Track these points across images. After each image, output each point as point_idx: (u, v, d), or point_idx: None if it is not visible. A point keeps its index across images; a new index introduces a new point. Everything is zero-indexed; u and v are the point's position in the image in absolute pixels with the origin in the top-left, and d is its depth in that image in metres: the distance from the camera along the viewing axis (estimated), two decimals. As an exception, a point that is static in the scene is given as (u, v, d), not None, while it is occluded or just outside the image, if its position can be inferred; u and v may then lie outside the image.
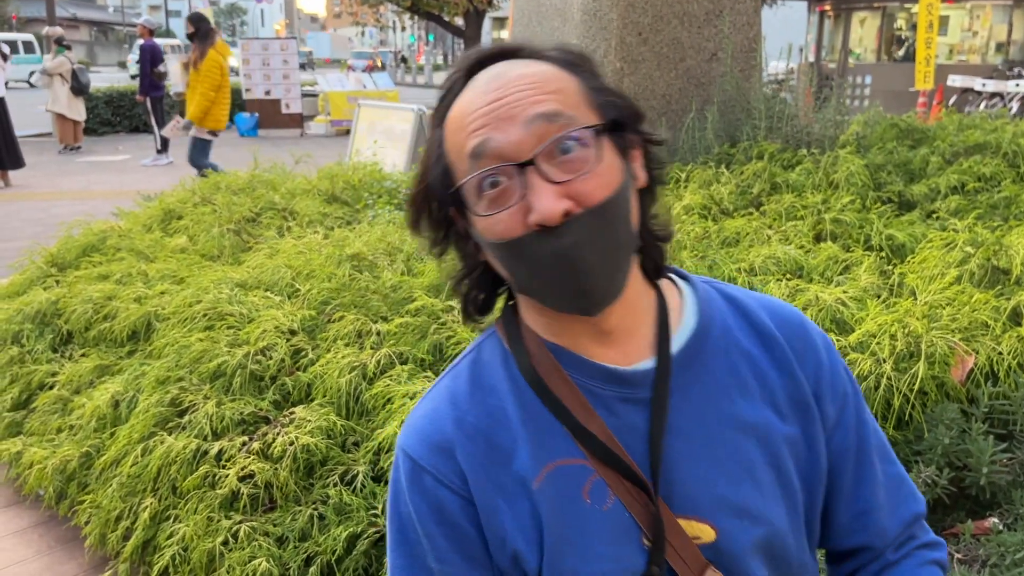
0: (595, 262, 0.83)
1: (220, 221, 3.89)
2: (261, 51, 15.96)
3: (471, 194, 0.85)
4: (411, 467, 0.92)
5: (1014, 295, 2.16)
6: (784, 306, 1.03)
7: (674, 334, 0.94)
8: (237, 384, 2.54)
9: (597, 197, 0.83)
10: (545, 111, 0.83)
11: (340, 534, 2.13)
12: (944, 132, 3.98)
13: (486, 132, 0.83)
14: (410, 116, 7.09)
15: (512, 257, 0.85)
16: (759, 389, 0.95)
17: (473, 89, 0.87)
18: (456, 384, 0.96)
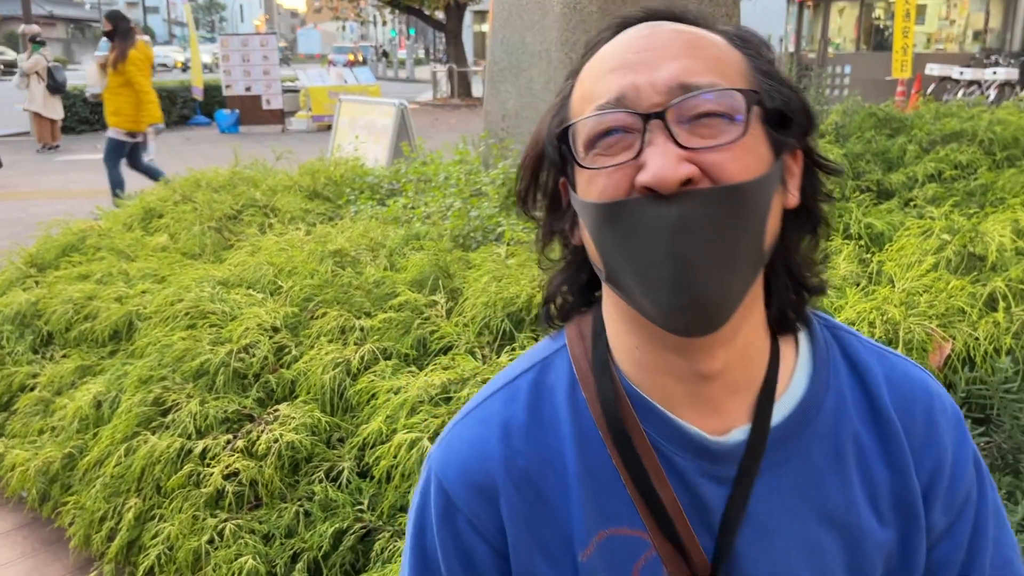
0: (708, 252, 0.68)
1: (201, 219, 3.87)
2: (240, 47, 15.85)
3: (581, 142, 0.72)
4: (445, 503, 0.81)
5: (990, 281, 2.18)
6: (912, 376, 0.85)
7: (778, 400, 0.79)
8: (220, 382, 2.53)
9: (731, 175, 0.68)
10: (693, 71, 0.70)
11: (326, 530, 2.14)
12: (921, 121, 4.02)
13: (619, 76, 0.71)
14: (391, 111, 7.07)
15: (607, 225, 0.71)
16: (861, 483, 0.80)
17: (621, 37, 0.75)
18: (512, 411, 0.81)
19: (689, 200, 0.67)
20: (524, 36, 4.65)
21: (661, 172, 0.66)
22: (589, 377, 0.80)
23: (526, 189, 0.83)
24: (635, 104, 0.69)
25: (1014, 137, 3.59)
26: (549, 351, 0.85)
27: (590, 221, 0.73)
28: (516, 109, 4.77)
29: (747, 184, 0.69)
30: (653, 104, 0.69)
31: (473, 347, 2.46)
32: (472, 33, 36.83)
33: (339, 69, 18.27)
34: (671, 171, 0.66)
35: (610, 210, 0.70)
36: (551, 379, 0.82)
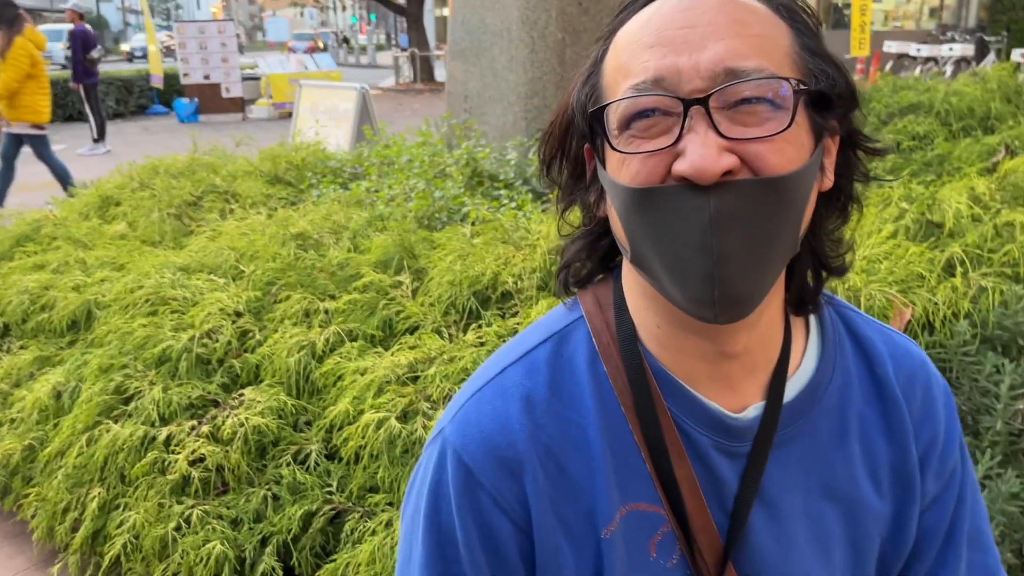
0: (744, 246, 0.66)
1: (160, 206, 3.81)
2: (197, 34, 15.58)
3: (615, 122, 0.69)
4: (465, 477, 0.76)
5: (947, 247, 2.22)
6: (913, 354, 0.87)
7: (790, 379, 0.79)
8: (183, 368, 2.49)
9: (773, 167, 0.65)
10: (739, 53, 0.66)
11: (295, 513, 2.12)
12: (880, 94, 4.06)
13: (659, 55, 0.67)
14: (353, 95, 7.00)
15: (639, 211, 0.68)
16: (863, 458, 0.82)
17: (660, 3, 0.70)
18: (533, 383, 0.78)
19: (728, 192, 0.64)
20: (484, 16, 4.62)
21: (701, 163, 0.64)
22: (612, 350, 0.78)
23: (551, 156, 0.80)
24: (675, 87, 0.66)
25: (969, 108, 3.64)
26: (566, 321, 0.82)
27: (619, 202, 0.71)
28: (478, 89, 4.75)
29: (788, 176, 0.66)
30: (695, 89, 0.66)
31: (439, 326, 2.45)
32: (434, 17, 36.55)
33: (299, 56, 18.05)
34: (711, 162, 0.64)
35: (643, 196, 0.67)
36: (570, 351, 0.80)
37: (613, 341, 0.79)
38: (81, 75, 11.98)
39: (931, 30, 15.54)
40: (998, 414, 1.89)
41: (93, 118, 12.01)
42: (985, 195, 2.47)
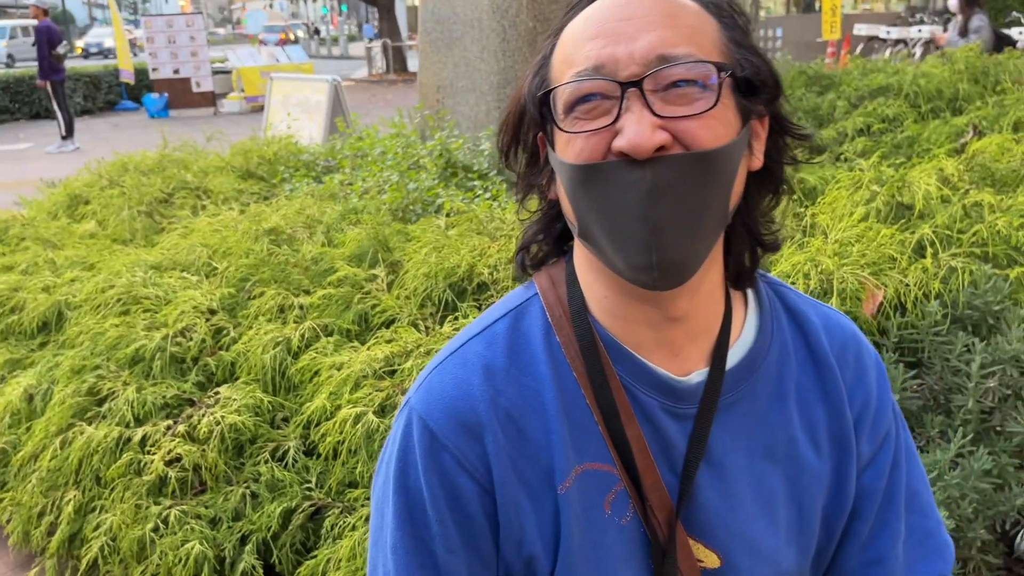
0: (677, 215, 0.72)
1: (130, 203, 3.76)
2: (166, 28, 15.36)
3: (561, 106, 0.76)
4: (430, 441, 0.81)
5: (917, 228, 2.24)
6: (844, 325, 0.94)
7: (732, 347, 0.85)
8: (158, 368, 2.47)
9: (702, 142, 0.72)
10: (670, 41, 0.73)
11: (274, 510, 2.11)
12: (850, 77, 4.09)
13: (599, 45, 0.74)
14: (324, 87, 6.94)
15: (583, 186, 0.75)
16: (800, 421, 0.87)
17: (601, 2, 0.78)
18: (492, 353, 0.84)
19: (662, 165, 0.71)
20: (455, 6, 4.59)
21: (637, 139, 0.70)
22: (564, 322, 0.84)
23: (508, 145, 0.86)
24: (613, 72, 0.73)
25: (938, 89, 3.68)
26: (522, 299, 0.88)
27: (566, 180, 0.77)
28: (451, 79, 4.72)
29: (717, 150, 0.73)
30: (631, 73, 0.72)
31: (415, 319, 2.44)
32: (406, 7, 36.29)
33: (270, 48, 17.88)
34: (646, 138, 0.70)
35: (586, 172, 0.74)
36: (526, 325, 0.86)
37: (565, 314, 0.85)
38: (47, 72, 11.78)
39: (900, 12, 15.66)
40: (969, 393, 1.91)
41: (61, 115, 11.83)
42: (954, 176, 2.49)
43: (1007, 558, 2.07)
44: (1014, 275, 2.07)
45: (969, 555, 1.86)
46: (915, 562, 0.93)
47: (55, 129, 12.37)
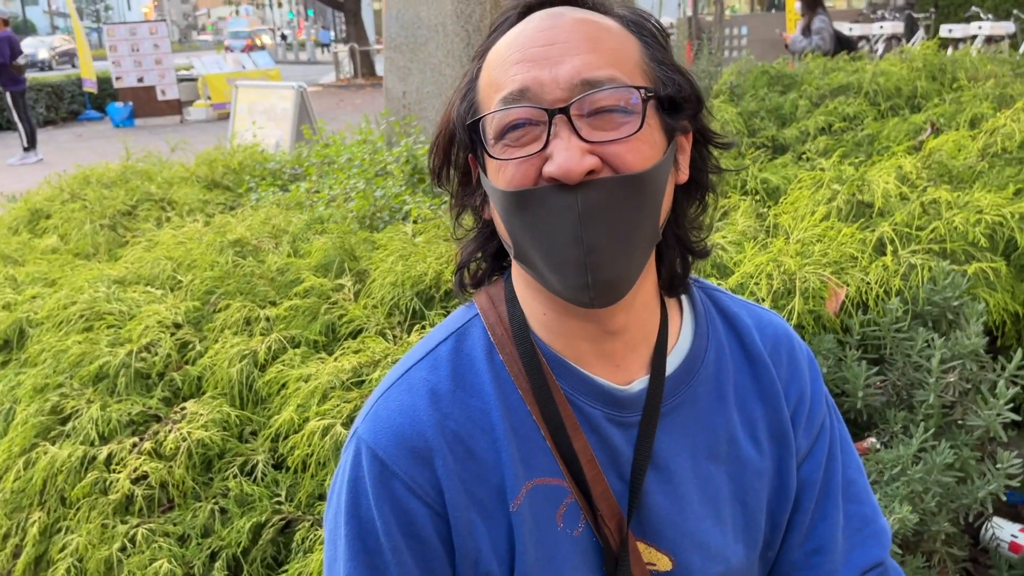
0: (610, 236, 0.74)
1: (92, 217, 3.70)
2: (128, 36, 15.20)
3: (491, 132, 0.77)
4: (380, 470, 0.82)
5: (878, 227, 2.27)
6: (776, 323, 0.97)
7: (670, 353, 0.88)
8: (122, 384, 2.44)
9: (630, 165, 0.74)
10: (593, 66, 0.75)
11: (244, 526, 2.09)
12: (811, 76, 4.13)
13: (524, 69, 0.76)
14: (290, 94, 6.90)
15: (517, 211, 0.76)
16: (741, 420, 0.90)
17: (524, 25, 0.79)
18: (436, 377, 0.85)
19: (592, 189, 0.73)
20: (419, 11, 4.58)
21: (566, 164, 0.72)
22: (506, 340, 0.86)
23: (439, 166, 0.87)
24: (539, 98, 0.74)
25: (896, 87, 3.73)
26: (463, 321, 0.90)
27: (500, 205, 0.78)
28: (417, 85, 4.71)
29: (645, 172, 0.75)
30: (557, 99, 0.74)
31: (383, 328, 2.43)
32: (372, 11, 36.16)
33: (236, 55, 17.73)
34: (575, 163, 0.72)
35: (519, 198, 0.75)
36: (468, 346, 0.87)
37: (507, 332, 0.86)
38: (7, 82, 11.60)
39: (862, 9, 15.86)
40: (930, 388, 1.94)
41: (22, 126, 11.65)
42: (912, 174, 2.53)
43: (972, 549, 2.10)
44: (971, 271, 2.11)
45: (934, 548, 1.89)
46: (853, 548, 0.95)
47: (17, 140, 12.17)
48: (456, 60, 4.38)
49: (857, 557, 0.95)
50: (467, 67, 3.42)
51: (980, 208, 2.23)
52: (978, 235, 2.17)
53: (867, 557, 0.96)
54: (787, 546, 0.95)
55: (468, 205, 0.88)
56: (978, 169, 2.61)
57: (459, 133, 0.83)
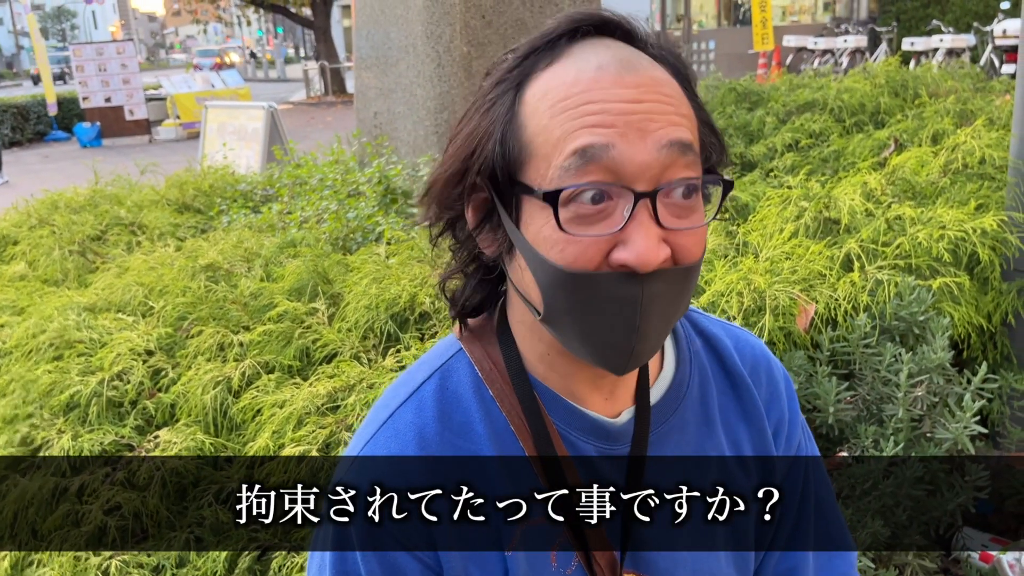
0: (659, 323, 0.72)
1: (61, 243, 3.66)
2: (95, 56, 15.08)
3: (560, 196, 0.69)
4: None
5: (844, 243, 2.31)
6: (753, 343, 0.97)
7: (654, 382, 0.87)
8: (94, 414, 2.41)
9: (693, 256, 0.71)
10: (683, 139, 0.69)
11: (220, 555, 2.07)
12: (778, 93, 4.20)
13: (611, 136, 0.67)
14: (261, 114, 6.87)
15: (568, 291, 0.70)
16: (728, 443, 0.90)
17: (586, 63, 0.70)
18: (422, 419, 0.81)
19: (658, 280, 0.69)
20: (388, 31, 4.60)
21: (646, 255, 0.67)
22: (495, 375, 0.82)
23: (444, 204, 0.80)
24: (628, 177, 0.67)
25: (860, 103, 3.80)
26: (446, 356, 0.86)
27: (545, 278, 0.71)
28: (388, 105, 4.72)
29: (700, 261, 0.73)
30: (645, 179, 0.68)
31: (358, 352, 2.43)
32: (342, 28, 36.15)
33: (205, 73, 17.64)
34: (654, 254, 0.67)
35: (578, 280, 0.69)
36: (454, 383, 0.84)
37: (495, 366, 0.83)
38: (-29, 105, 11.44)
39: (826, 23, 16.13)
40: (899, 402, 1.97)
41: (-14, 148, 11.48)
42: (877, 190, 2.58)
43: (944, 560, 2.14)
44: (936, 285, 2.15)
45: (906, 561, 1.92)
46: (822, 568, 0.97)
47: (-19, 163, 12.00)
48: (427, 80, 4.40)
49: (826, 571, 0.98)
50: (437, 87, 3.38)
51: (943, 224, 2.28)
52: (942, 250, 2.21)
53: (835, 570, 0.98)
54: (763, 566, 0.96)
55: (466, 245, 0.82)
56: (940, 185, 2.67)
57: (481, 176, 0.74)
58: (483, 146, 0.74)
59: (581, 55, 0.71)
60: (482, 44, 4.36)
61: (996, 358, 2.37)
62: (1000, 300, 2.34)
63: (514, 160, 0.72)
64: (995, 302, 2.34)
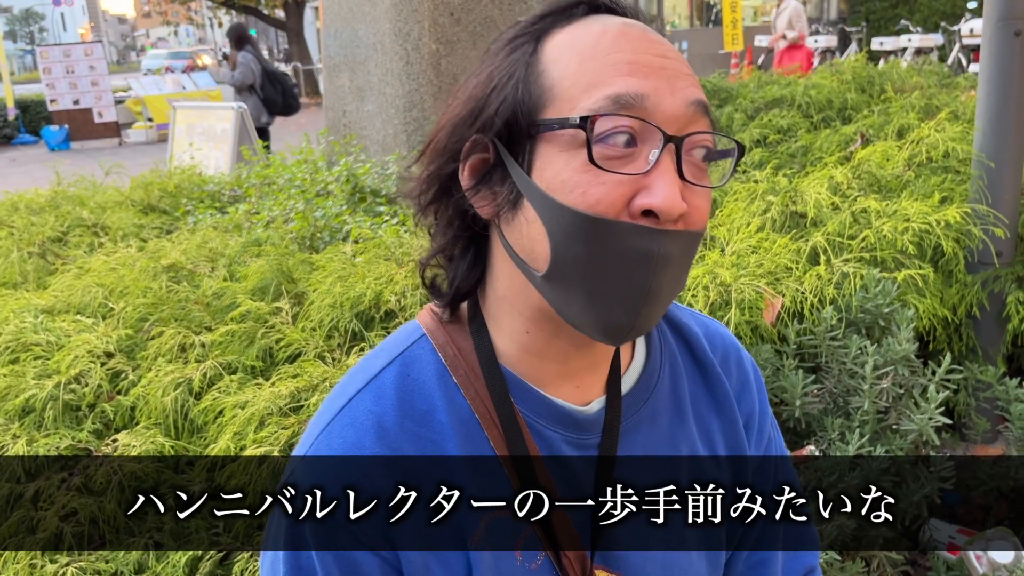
0: (668, 288, 0.70)
1: (20, 244, 3.58)
2: (63, 58, 14.84)
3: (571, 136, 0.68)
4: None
5: (811, 236, 2.30)
6: (723, 334, 0.95)
7: (625, 371, 0.84)
8: (50, 418, 2.35)
9: (701, 222, 0.71)
10: (704, 101, 0.70)
11: (180, 560, 2.02)
12: (746, 90, 4.21)
13: (644, 86, 0.67)
14: (230, 115, 6.79)
15: (583, 238, 0.67)
16: (700, 435, 0.88)
17: (609, 23, 0.71)
18: (381, 407, 0.77)
19: (674, 240, 0.67)
20: (357, 29, 4.56)
21: (672, 200, 0.66)
22: (459, 361, 0.79)
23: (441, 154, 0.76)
24: (655, 113, 0.67)
25: (828, 99, 3.82)
26: (407, 342, 0.82)
27: (559, 224, 0.68)
28: (356, 104, 4.68)
29: (705, 228, 0.72)
30: (672, 120, 0.67)
31: (322, 351, 2.39)
32: (315, 30, 35.94)
33: (176, 76, 17.46)
34: (678, 203, 0.66)
35: (597, 225, 0.66)
36: (416, 370, 0.80)
37: (459, 352, 0.80)
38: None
39: (797, 24, 16.23)
40: (865, 394, 1.97)
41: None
42: (843, 184, 2.58)
43: (911, 552, 2.14)
44: (901, 278, 2.16)
45: (873, 553, 1.91)
46: (791, 559, 0.98)
47: (-54, 167, 11.78)
48: (395, 78, 4.36)
49: (793, 566, 0.98)
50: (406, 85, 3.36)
51: (908, 216, 2.28)
52: (906, 243, 2.22)
53: (801, 565, 0.99)
54: (732, 560, 0.95)
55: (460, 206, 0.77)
56: (905, 178, 2.68)
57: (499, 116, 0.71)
58: (503, 86, 0.72)
59: (607, 22, 0.72)
60: (451, 42, 4.33)
61: (961, 350, 2.38)
62: (964, 292, 2.35)
63: (533, 104, 0.70)
64: (959, 294, 2.35)
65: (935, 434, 1.91)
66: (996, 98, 2.46)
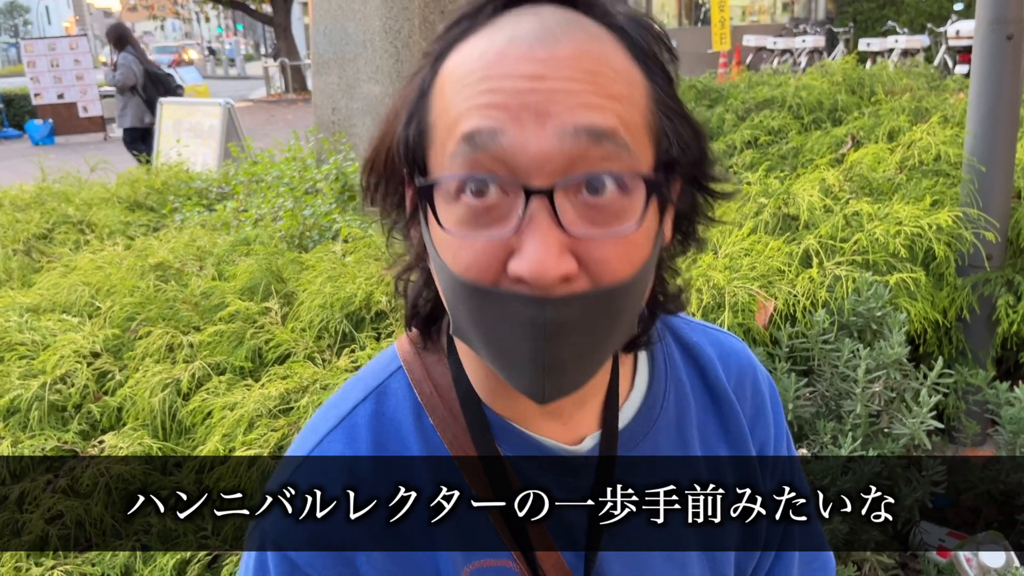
0: (576, 354, 0.60)
1: (5, 242, 3.54)
2: (48, 51, 14.70)
3: (444, 190, 0.58)
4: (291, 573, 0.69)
5: (803, 239, 2.30)
6: (739, 351, 0.87)
7: (624, 403, 0.76)
8: (35, 419, 2.32)
9: (615, 275, 0.58)
10: (597, 125, 0.56)
11: (167, 563, 2.00)
12: (737, 90, 4.21)
13: (500, 118, 0.56)
14: (217, 111, 6.75)
15: (467, 303, 0.60)
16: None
17: (502, 34, 0.58)
18: (355, 451, 0.71)
19: (564, 306, 0.57)
20: (346, 26, 4.53)
21: (540, 267, 0.55)
22: (436, 400, 0.73)
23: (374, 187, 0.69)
24: (520, 169, 0.56)
25: (818, 101, 3.82)
26: (383, 376, 0.76)
27: (446, 284, 0.62)
28: (345, 101, 4.65)
29: (632, 279, 0.59)
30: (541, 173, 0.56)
31: (312, 352, 2.37)
32: (303, 25, 35.79)
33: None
34: (551, 266, 0.55)
35: (473, 292, 0.59)
36: (391, 408, 0.74)
37: (436, 389, 0.73)
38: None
39: (785, 24, 16.31)
40: (857, 398, 1.97)
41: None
42: (835, 186, 2.58)
43: (901, 555, 2.14)
44: (893, 281, 2.16)
45: (864, 557, 1.92)
46: (806, 563, 0.93)
47: (-72, 161, 11.64)
48: (385, 76, 4.34)
49: None
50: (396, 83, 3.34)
51: (899, 220, 2.29)
52: (898, 246, 2.22)
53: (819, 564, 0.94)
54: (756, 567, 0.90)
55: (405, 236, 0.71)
56: (897, 181, 2.69)
57: (398, 159, 0.64)
58: (393, 129, 0.65)
59: (504, 24, 0.59)
60: (441, 40, 4.31)
61: (952, 353, 2.39)
62: (955, 295, 2.36)
63: (419, 145, 0.62)
64: (950, 297, 2.36)
65: (927, 437, 1.92)
66: (987, 101, 2.47)
